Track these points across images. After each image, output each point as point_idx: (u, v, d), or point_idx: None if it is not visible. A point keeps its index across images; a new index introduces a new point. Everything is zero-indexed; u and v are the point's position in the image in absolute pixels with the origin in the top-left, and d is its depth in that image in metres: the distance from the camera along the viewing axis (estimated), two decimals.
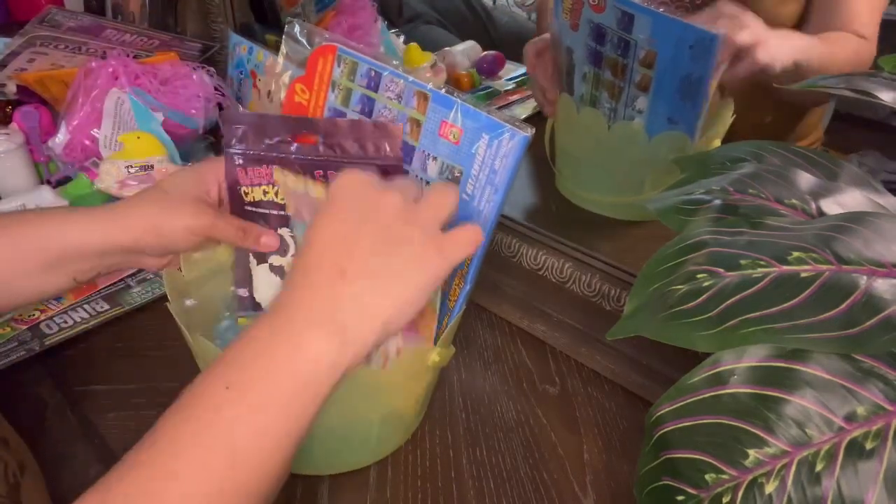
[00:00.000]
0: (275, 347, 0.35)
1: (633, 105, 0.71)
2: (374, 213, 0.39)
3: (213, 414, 0.33)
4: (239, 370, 0.35)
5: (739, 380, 0.34)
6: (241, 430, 0.33)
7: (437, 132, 0.48)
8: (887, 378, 0.32)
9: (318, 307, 0.36)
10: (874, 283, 0.33)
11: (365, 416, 0.50)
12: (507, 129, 0.45)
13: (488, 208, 0.47)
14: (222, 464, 0.32)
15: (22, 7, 1.18)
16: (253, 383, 0.34)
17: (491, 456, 0.56)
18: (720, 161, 0.48)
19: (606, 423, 0.59)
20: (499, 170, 0.46)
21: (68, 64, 0.85)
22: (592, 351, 0.64)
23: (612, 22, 0.66)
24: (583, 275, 0.63)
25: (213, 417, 0.33)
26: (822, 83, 0.45)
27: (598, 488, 0.53)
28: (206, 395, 0.34)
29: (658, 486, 0.36)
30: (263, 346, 0.35)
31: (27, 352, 0.61)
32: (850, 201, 0.41)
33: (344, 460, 0.53)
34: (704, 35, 0.60)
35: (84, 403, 0.59)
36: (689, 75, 0.64)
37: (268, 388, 0.34)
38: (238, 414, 0.34)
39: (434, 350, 0.49)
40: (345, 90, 0.51)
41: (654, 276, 0.40)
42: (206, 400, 0.34)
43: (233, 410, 0.34)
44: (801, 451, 0.32)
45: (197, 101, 0.85)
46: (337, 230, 0.39)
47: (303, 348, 0.35)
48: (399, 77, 0.49)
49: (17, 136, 0.80)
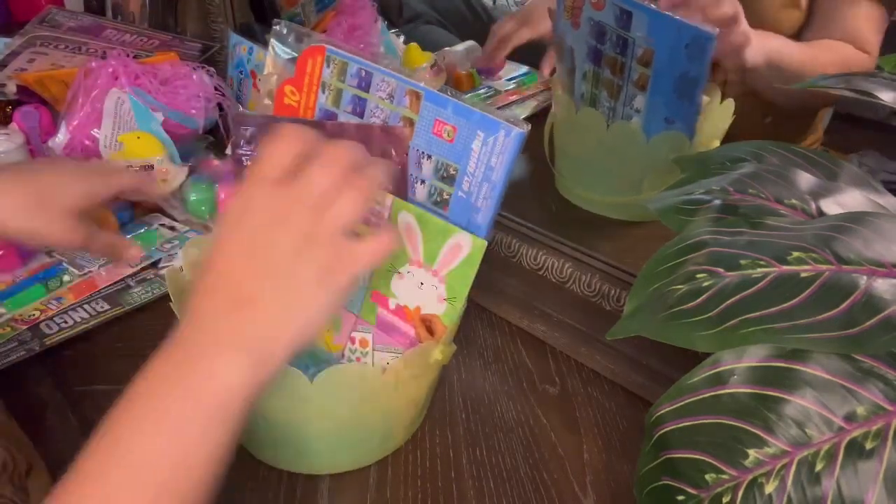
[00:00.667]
0: (189, 378, 0.35)
1: (632, 104, 0.71)
2: (276, 229, 0.38)
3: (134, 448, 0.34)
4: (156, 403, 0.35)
5: (739, 380, 0.35)
6: (165, 462, 0.34)
7: (431, 130, 0.48)
8: (887, 378, 0.32)
9: (225, 333, 0.36)
10: (874, 283, 0.33)
11: (366, 416, 0.50)
12: (503, 126, 0.45)
13: (486, 206, 0.47)
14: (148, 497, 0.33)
15: (22, 7, 1.18)
16: (171, 416, 0.35)
17: (491, 456, 0.56)
18: (720, 161, 0.48)
19: (606, 423, 0.59)
20: (495, 167, 0.46)
21: (68, 64, 0.85)
22: (592, 351, 0.64)
23: (612, 19, 0.66)
24: (583, 275, 0.63)
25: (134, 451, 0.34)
26: (822, 83, 0.45)
27: (598, 488, 0.53)
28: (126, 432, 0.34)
29: (658, 486, 0.36)
30: (177, 376, 0.36)
31: (27, 352, 0.61)
32: (850, 201, 0.41)
33: (344, 460, 0.53)
34: (700, 34, 0.60)
35: (84, 403, 0.59)
36: (686, 74, 0.64)
37: (187, 420, 0.35)
38: (160, 448, 0.34)
39: (436, 348, 0.49)
40: (335, 91, 0.51)
41: (654, 276, 0.40)
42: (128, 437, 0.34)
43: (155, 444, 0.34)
44: (801, 451, 0.32)
45: (197, 101, 0.85)
46: (232, 253, 0.38)
47: (215, 377, 0.35)
48: (390, 76, 0.49)
49: (17, 136, 0.80)
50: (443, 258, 0.49)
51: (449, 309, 0.50)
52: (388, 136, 0.49)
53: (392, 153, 0.49)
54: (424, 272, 0.50)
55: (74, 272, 0.70)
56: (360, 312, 0.54)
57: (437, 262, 0.49)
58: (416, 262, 0.50)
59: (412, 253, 0.50)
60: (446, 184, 0.49)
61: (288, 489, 0.52)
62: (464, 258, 0.48)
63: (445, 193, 0.49)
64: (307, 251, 0.38)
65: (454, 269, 0.49)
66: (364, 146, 0.49)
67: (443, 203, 0.49)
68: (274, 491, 0.52)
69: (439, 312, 0.51)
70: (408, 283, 0.51)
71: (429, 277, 0.50)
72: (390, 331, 0.53)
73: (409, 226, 0.50)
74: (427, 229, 0.49)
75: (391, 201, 0.50)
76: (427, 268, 0.50)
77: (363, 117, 0.51)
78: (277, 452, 0.53)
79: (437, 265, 0.50)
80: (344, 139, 0.49)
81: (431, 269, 0.50)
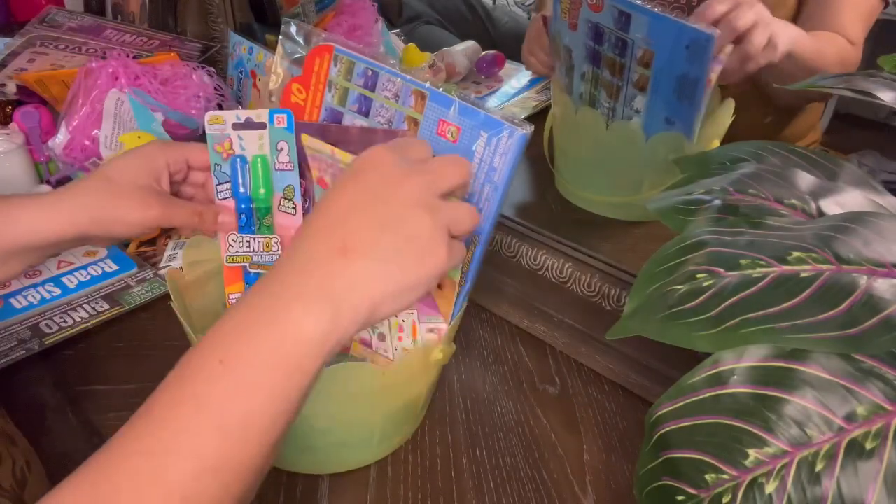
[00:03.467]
0: (268, 321, 0.35)
1: (632, 105, 0.71)
2: (392, 195, 0.38)
3: (206, 387, 0.33)
4: (233, 344, 0.34)
5: (739, 380, 0.35)
6: (234, 407, 0.33)
7: (435, 131, 0.48)
8: (887, 378, 0.32)
9: (314, 281, 0.36)
10: (874, 283, 0.33)
11: (366, 416, 0.50)
12: (506, 127, 0.45)
13: (488, 206, 0.47)
14: (215, 441, 0.32)
15: (22, 7, 1.18)
16: (246, 359, 0.34)
17: (491, 456, 0.56)
18: (720, 161, 0.48)
19: (606, 423, 0.59)
20: (498, 167, 0.46)
21: (68, 64, 0.85)
22: (592, 351, 0.64)
23: (610, 21, 0.66)
24: (583, 275, 0.63)
25: (206, 391, 0.33)
26: (822, 83, 0.45)
27: (598, 488, 0.53)
28: (200, 369, 0.34)
29: (658, 486, 0.36)
30: (257, 317, 0.35)
31: (27, 351, 0.61)
32: (850, 201, 0.41)
33: (344, 460, 0.53)
34: (700, 35, 0.60)
35: (84, 403, 0.59)
36: (686, 75, 0.64)
37: (261, 366, 0.34)
38: (232, 390, 0.33)
39: (437, 347, 0.49)
40: (341, 90, 0.51)
41: (654, 276, 0.40)
42: (200, 373, 0.34)
43: (226, 386, 0.33)
44: (801, 450, 0.32)
45: (197, 101, 0.85)
46: (351, 203, 0.38)
47: (295, 323, 0.35)
48: (396, 76, 0.49)
49: (17, 136, 0.80)
50: None
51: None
52: (389, 138, 0.49)
53: None
54: None
55: None
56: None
57: None
58: None
59: None
60: None
61: (288, 489, 0.52)
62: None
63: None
64: (415, 228, 0.38)
65: None
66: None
67: None
68: (274, 491, 0.52)
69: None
70: None
71: None
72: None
73: None
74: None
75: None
76: None
77: (368, 116, 0.51)
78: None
79: None
80: (349, 143, 0.49)
81: None
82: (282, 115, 0.50)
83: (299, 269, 0.37)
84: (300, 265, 0.37)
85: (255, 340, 0.34)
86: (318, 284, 0.36)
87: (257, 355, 0.34)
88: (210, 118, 0.50)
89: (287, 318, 0.35)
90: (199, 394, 0.33)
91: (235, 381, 0.33)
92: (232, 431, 0.33)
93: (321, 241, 0.37)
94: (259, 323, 0.35)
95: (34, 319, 0.64)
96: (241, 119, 0.50)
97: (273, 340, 0.34)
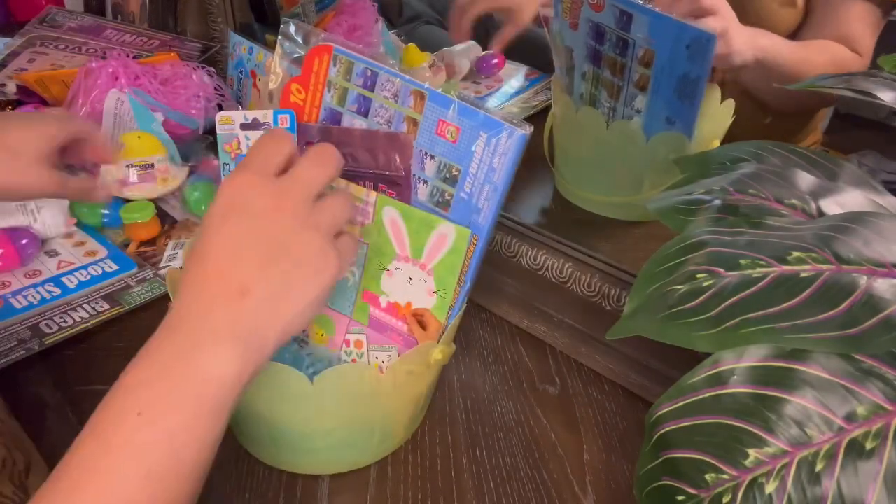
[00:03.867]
0: (182, 370, 0.35)
1: (632, 104, 0.71)
2: (272, 226, 0.38)
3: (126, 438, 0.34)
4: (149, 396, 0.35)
5: (739, 380, 0.35)
6: (155, 451, 0.34)
7: (435, 131, 0.48)
8: (887, 378, 0.32)
9: (219, 325, 0.36)
10: (874, 283, 0.33)
11: (366, 416, 0.50)
12: (506, 127, 0.45)
13: (487, 207, 0.47)
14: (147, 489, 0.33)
15: (22, 7, 1.18)
16: (164, 410, 0.34)
17: (491, 456, 0.56)
18: (720, 161, 0.48)
19: (606, 423, 0.59)
20: (497, 168, 0.46)
21: (68, 64, 0.85)
22: (592, 351, 0.64)
23: (611, 21, 0.66)
24: (583, 275, 0.63)
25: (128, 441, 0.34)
26: (822, 83, 0.45)
27: (598, 488, 0.53)
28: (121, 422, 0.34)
29: (658, 486, 0.36)
30: (170, 367, 0.35)
31: (27, 351, 0.61)
32: (850, 201, 0.41)
33: (344, 460, 0.53)
34: (701, 35, 0.60)
35: (84, 403, 0.59)
36: (686, 75, 0.64)
37: (181, 413, 0.34)
38: (154, 440, 0.34)
39: (437, 348, 0.49)
40: (341, 90, 0.51)
41: (654, 276, 0.40)
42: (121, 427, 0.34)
43: (145, 439, 0.34)
44: (801, 450, 0.32)
45: (197, 101, 0.85)
46: (236, 244, 0.38)
47: (208, 368, 0.35)
48: (395, 76, 0.49)
49: None
50: (429, 251, 0.50)
51: (439, 301, 0.50)
52: (392, 142, 0.49)
53: (395, 159, 0.49)
54: (412, 266, 0.51)
55: None
56: (353, 313, 0.54)
57: (423, 255, 0.50)
58: (404, 257, 0.51)
59: (399, 249, 0.51)
60: (448, 184, 0.49)
61: (288, 489, 0.52)
62: (449, 249, 0.49)
63: (447, 194, 0.49)
64: (301, 245, 0.39)
65: (440, 260, 0.49)
66: (369, 152, 0.50)
67: (444, 204, 0.49)
68: (274, 491, 0.52)
69: (430, 306, 0.51)
70: (397, 280, 0.51)
71: (417, 272, 0.50)
72: (383, 329, 0.53)
73: (394, 221, 0.50)
74: (411, 223, 0.50)
75: (375, 198, 0.50)
76: (414, 262, 0.50)
77: (367, 116, 0.51)
78: (277, 452, 0.53)
79: (424, 258, 0.50)
80: (351, 145, 0.49)
81: (419, 263, 0.50)
82: (285, 116, 0.50)
83: (203, 314, 0.37)
84: (203, 310, 0.37)
85: (173, 392, 0.35)
86: (224, 327, 0.36)
87: (176, 405, 0.35)
88: (221, 119, 0.51)
89: (199, 364, 0.35)
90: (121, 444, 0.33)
91: (156, 431, 0.34)
92: (162, 476, 0.33)
93: (218, 286, 0.37)
94: (172, 372, 0.35)
95: (34, 319, 0.64)
96: (249, 119, 0.50)
97: (190, 388, 0.35)
